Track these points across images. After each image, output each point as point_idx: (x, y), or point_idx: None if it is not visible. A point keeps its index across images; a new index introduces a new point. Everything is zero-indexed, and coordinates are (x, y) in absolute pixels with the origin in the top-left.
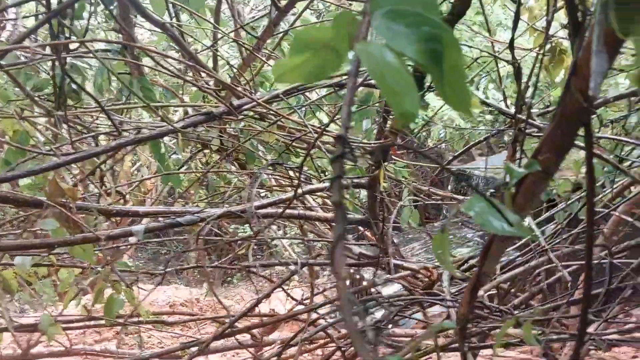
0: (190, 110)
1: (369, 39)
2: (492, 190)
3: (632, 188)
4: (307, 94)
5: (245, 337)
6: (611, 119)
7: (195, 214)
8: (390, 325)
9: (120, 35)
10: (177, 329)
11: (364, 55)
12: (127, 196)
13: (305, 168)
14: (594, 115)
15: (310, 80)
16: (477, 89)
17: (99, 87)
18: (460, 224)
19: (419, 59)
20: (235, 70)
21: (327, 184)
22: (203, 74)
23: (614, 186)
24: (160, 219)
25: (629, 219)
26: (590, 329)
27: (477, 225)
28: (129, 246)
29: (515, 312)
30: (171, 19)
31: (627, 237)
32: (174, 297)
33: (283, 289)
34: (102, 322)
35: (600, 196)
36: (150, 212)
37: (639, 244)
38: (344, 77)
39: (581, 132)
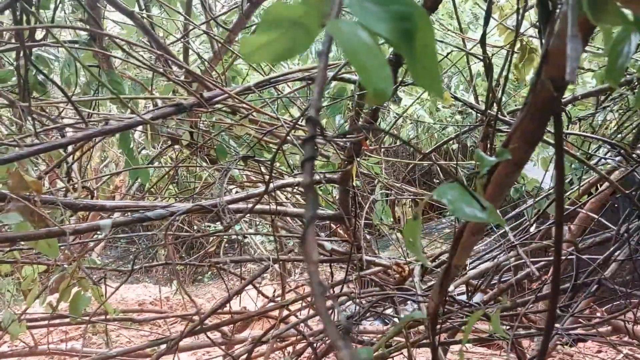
0: (159, 102)
1: (340, 17)
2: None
3: (599, 185)
4: (279, 87)
5: (216, 335)
6: (579, 117)
7: (165, 209)
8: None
9: (88, 27)
10: (147, 327)
11: (336, 33)
12: (95, 192)
13: (277, 164)
14: (562, 112)
15: (280, 59)
16: (449, 88)
17: (66, 80)
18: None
19: (391, 37)
20: (206, 63)
21: (298, 179)
22: (174, 68)
23: (582, 183)
24: (128, 213)
25: (595, 216)
26: (558, 324)
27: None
28: (97, 243)
29: (485, 307)
30: (141, 11)
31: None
32: (143, 296)
33: (254, 286)
34: (69, 320)
35: (568, 193)
36: (118, 207)
37: (605, 240)
38: (315, 70)
39: (550, 124)
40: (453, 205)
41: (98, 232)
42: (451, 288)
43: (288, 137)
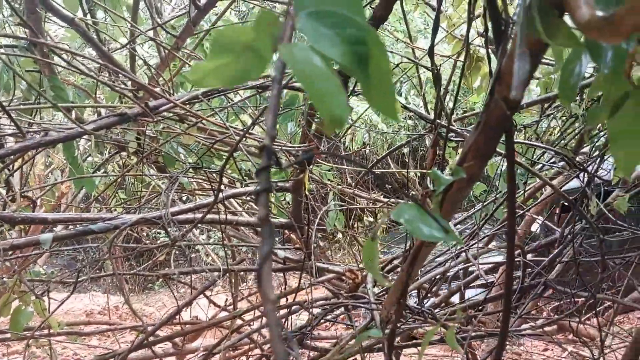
0: (103, 111)
1: (293, 41)
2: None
3: (543, 190)
4: (229, 95)
5: (167, 346)
6: (524, 124)
7: (108, 221)
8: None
9: (27, 32)
10: (95, 339)
11: (289, 58)
12: (39, 201)
13: (229, 171)
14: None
15: (232, 84)
16: (400, 94)
17: (5, 86)
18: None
19: (345, 61)
20: (153, 70)
21: (250, 188)
22: (121, 74)
23: (527, 188)
24: (71, 226)
25: (540, 219)
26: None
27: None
28: (39, 256)
29: (436, 311)
30: (85, 16)
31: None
32: (91, 305)
33: (205, 296)
34: (9, 335)
35: None
36: (60, 219)
37: (550, 242)
38: (267, 78)
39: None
40: (411, 226)
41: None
42: None
43: (239, 145)
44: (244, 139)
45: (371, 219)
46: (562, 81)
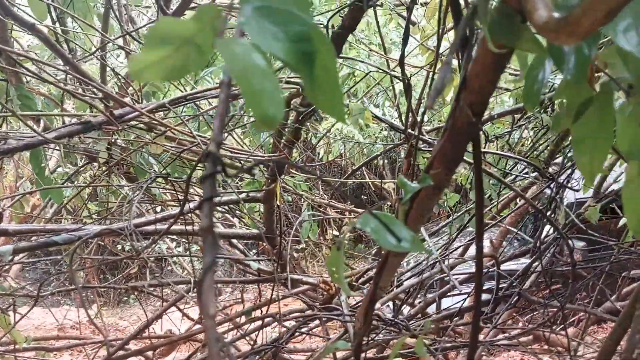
0: (67, 119)
1: (235, 36)
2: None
3: (517, 200)
4: (200, 104)
5: (140, 359)
6: (496, 135)
7: (72, 232)
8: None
9: None
10: (66, 355)
11: (226, 53)
12: (7, 212)
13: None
14: (480, 131)
15: (171, 79)
16: (377, 106)
17: None
18: None
19: (289, 59)
20: (122, 79)
21: (223, 198)
22: (90, 84)
23: (500, 199)
24: (34, 237)
25: (514, 230)
26: (481, 336)
27: None
28: (9, 267)
29: (410, 322)
30: (54, 24)
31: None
32: (63, 320)
33: (179, 309)
34: None
35: (488, 208)
36: (22, 231)
37: (523, 253)
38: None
39: (469, 146)
40: (376, 235)
41: None
42: (377, 305)
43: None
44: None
45: (337, 233)
46: (526, 87)
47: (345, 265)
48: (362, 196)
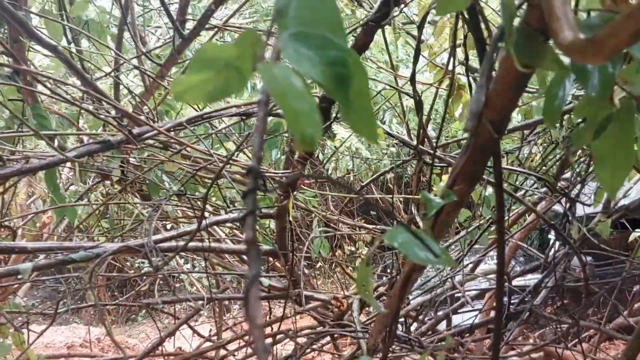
0: (86, 139)
1: (273, 60)
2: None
3: (526, 215)
4: (213, 123)
5: None
6: (506, 150)
7: (90, 250)
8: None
9: (11, 60)
10: None
11: (267, 77)
12: (20, 231)
13: (213, 198)
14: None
15: (212, 100)
16: (383, 122)
17: None
18: None
19: (326, 82)
20: (137, 98)
21: (234, 215)
22: (105, 103)
23: (510, 214)
24: (51, 255)
25: (524, 245)
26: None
27: None
28: (19, 287)
29: (423, 338)
30: (69, 44)
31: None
32: (72, 338)
33: (189, 326)
34: None
35: None
36: (40, 249)
37: (534, 269)
38: (251, 106)
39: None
40: (405, 250)
41: (17, 276)
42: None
43: (222, 172)
44: (227, 165)
45: (352, 248)
46: (546, 104)
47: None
48: (372, 212)
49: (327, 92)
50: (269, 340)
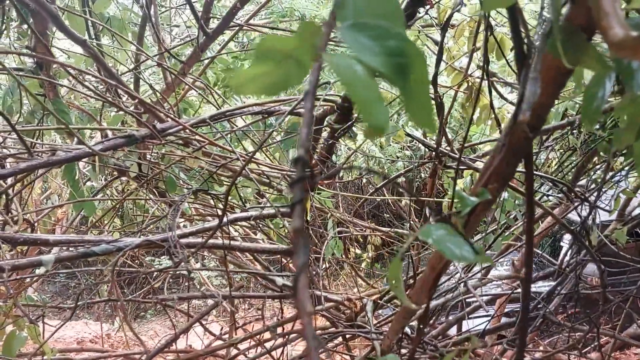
0: (109, 133)
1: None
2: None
3: (540, 221)
4: (232, 120)
5: None
6: None
7: (111, 243)
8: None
9: (37, 54)
10: None
11: (335, 67)
12: (36, 225)
13: (229, 197)
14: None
15: (271, 93)
16: (401, 125)
17: (9, 109)
18: None
19: (387, 71)
20: (158, 94)
21: (252, 213)
22: (124, 98)
23: (524, 220)
24: (72, 248)
25: (538, 252)
26: (504, 359)
27: None
28: (36, 279)
29: (435, 341)
30: (91, 40)
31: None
32: (82, 333)
33: (201, 324)
34: None
35: (512, 229)
36: (61, 241)
37: (547, 275)
38: (272, 104)
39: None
40: (440, 246)
41: (38, 268)
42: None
43: (244, 170)
44: (248, 164)
45: (358, 251)
46: (585, 104)
47: (366, 284)
48: (384, 214)
49: (388, 80)
50: (280, 340)
